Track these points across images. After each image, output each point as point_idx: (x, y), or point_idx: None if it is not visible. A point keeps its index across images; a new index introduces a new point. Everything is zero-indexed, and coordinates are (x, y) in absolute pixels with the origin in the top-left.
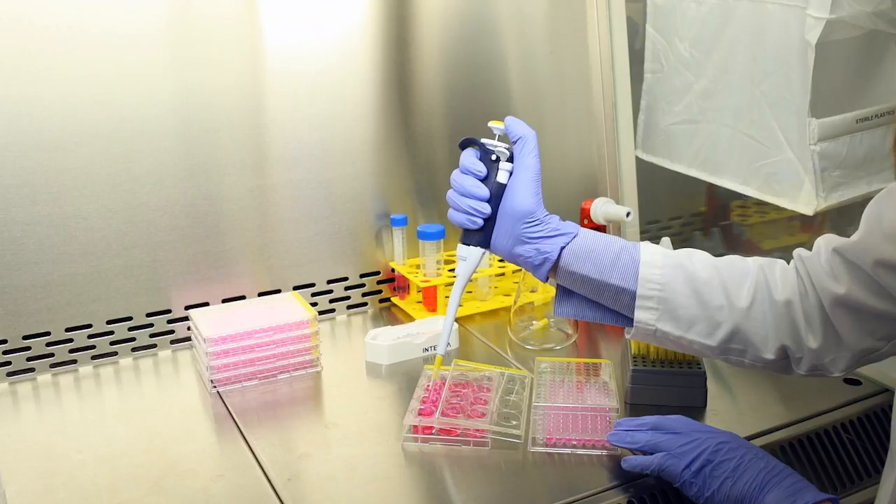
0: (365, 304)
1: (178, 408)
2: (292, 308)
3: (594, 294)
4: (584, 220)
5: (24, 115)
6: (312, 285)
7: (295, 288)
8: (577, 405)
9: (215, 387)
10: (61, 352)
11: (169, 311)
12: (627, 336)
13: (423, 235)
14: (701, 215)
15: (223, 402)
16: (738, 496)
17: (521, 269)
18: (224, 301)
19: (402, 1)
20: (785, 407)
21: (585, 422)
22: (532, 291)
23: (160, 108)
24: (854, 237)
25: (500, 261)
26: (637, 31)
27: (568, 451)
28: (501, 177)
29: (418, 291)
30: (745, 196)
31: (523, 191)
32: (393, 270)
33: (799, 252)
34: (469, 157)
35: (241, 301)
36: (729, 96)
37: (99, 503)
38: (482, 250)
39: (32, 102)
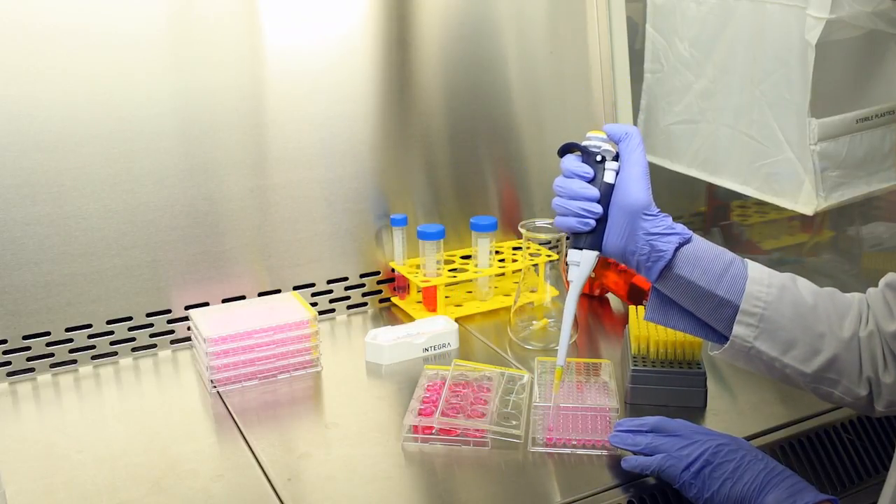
0: (365, 304)
1: (178, 408)
2: (292, 308)
3: (693, 303)
4: None
5: (24, 115)
6: (312, 285)
7: (295, 288)
8: (577, 405)
9: (215, 387)
10: (61, 352)
11: (169, 311)
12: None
13: (423, 235)
14: (701, 215)
15: (223, 402)
16: (737, 497)
17: (520, 269)
18: (224, 301)
19: (402, 1)
20: (785, 407)
21: (585, 422)
22: (532, 291)
23: (160, 108)
24: None
25: (501, 261)
26: (637, 31)
27: (568, 451)
28: (608, 176)
29: (418, 291)
30: (745, 196)
31: (637, 185)
32: (393, 270)
33: (871, 288)
34: (572, 161)
35: (241, 301)
36: (729, 96)
37: (99, 503)
38: (595, 253)
39: (32, 102)
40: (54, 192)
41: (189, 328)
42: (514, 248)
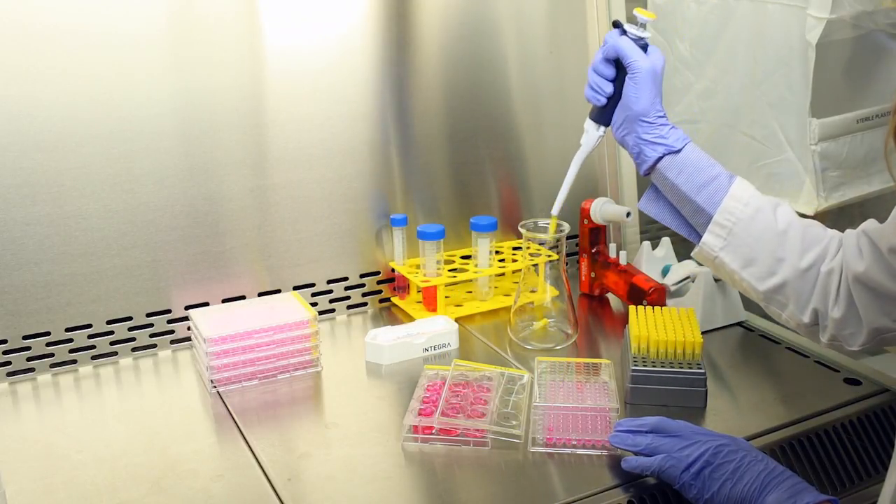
0: (365, 304)
1: (178, 408)
2: (292, 308)
3: (678, 202)
4: (584, 220)
5: (24, 115)
6: (312, 285)
7: (295, 288)
8: (577, 405)
9: (215, 387)
10: (61, 352)
11: (169, 311)
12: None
13: (423, 235)
14: None
15: (223, 402)
16: (737, 498)
17: (520, 269)
18: (224, 301)
19: (402, 1)
20: (785, 407)
21: (585, 422)
22: (532, 291)
23: (160, 108)
24: (886, 222)
25: (501, 261)
26: None
27: (568, 451)
28: None
29: (418, 291)
30: None
31: (638, 92)
32: (393, 270)
33: (850, 229)
34: (611, 36)
35: (241, 301)
36: (729, 96)
37: (99, 503)
38: (602, 130)
39: (32, 102)
40: (54, 192)
41: (189, 328)
42: (514, 248)
